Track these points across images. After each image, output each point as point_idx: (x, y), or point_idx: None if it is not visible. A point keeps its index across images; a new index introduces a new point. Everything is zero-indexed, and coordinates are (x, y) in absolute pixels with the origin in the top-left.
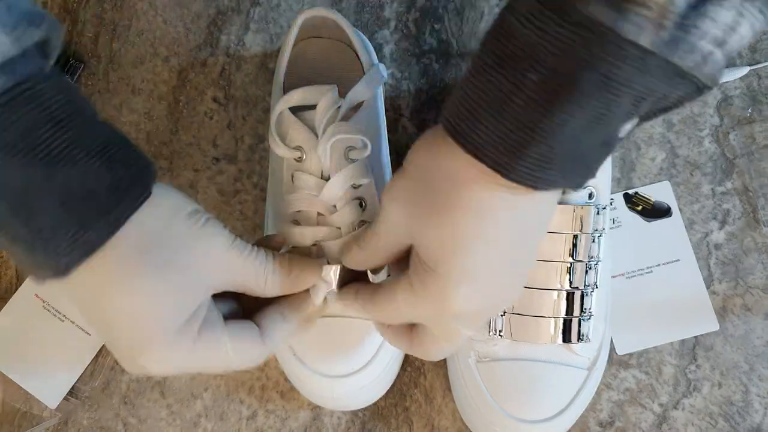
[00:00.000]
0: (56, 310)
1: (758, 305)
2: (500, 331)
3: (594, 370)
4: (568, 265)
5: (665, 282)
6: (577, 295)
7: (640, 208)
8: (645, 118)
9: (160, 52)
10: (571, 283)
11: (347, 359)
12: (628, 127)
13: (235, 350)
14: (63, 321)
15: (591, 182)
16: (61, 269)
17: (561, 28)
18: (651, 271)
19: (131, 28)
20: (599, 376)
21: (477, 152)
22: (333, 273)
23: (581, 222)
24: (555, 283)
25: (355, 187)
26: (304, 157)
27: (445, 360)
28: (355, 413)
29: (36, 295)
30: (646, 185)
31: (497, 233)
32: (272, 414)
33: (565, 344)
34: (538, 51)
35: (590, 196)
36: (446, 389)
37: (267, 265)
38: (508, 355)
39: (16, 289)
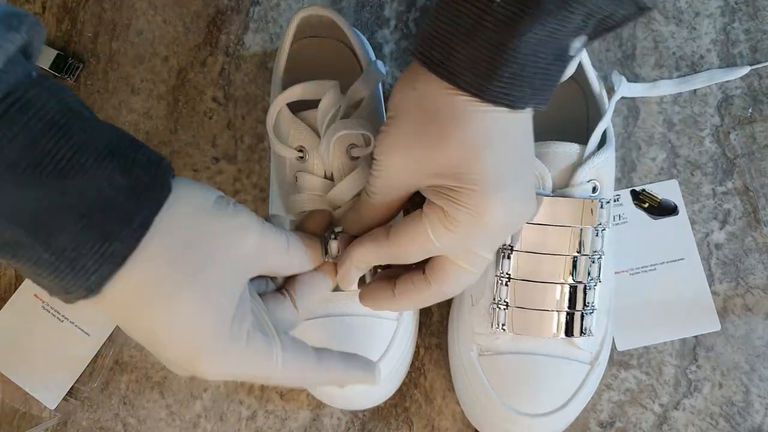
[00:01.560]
0: (56, 310)
1: (759, 305)
2: (503, 325)
3: (596, 364)
4: (573, 258)
5: (669, 280)
6: (580, 288)
7: (646, 205)
8: (591, 36)
9: (160, 52)
10: (574, 276)
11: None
12: (577, 45)
13: (285, 359)
14: (63, 321)
15: (594, 176)
16: (92, 287)
17: None
18: (655, 269)
19: (130, 27)
20: (602, 371)
21: (453, 77)
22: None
23: (587, 216)
24: (559, 277)
25: None
26: (307, 157)
27: (446, 357)
28: (355, 414)
29: (36, 295)
30: (646, 185)
31: (503, 144)
32: (272, 414)
33: (568, 338)
34: None
35: (594, 189)
36: (446, 389)
37: (291, 245)
38: (511, 348)
39: (16, 289)
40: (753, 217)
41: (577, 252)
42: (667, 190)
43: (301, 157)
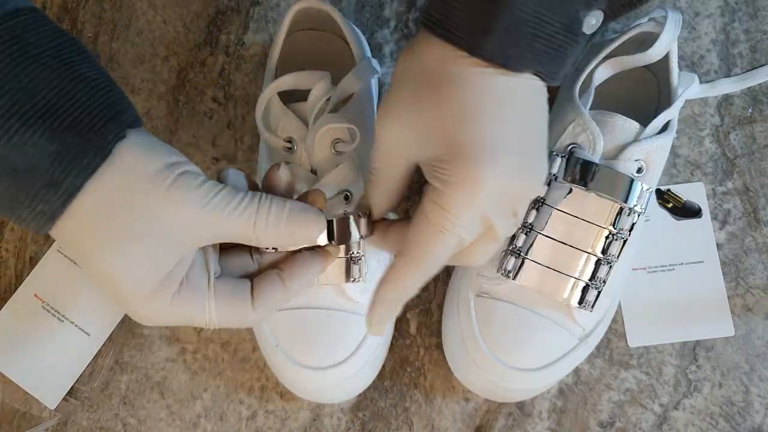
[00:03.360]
0: (56, 310)
1: (759, 305)
2: (509, 272)
3: (585, 343)
4: (608, 232)
5: (685, 281)
6: (603, 262)
7: (670, 205)
8: (609, 14)
9: (160, 52)
10: (601, 249)
11: (332, 350)
12: (592, 21)
13: (220, 312)
14: (63, 321)
15: (643, 156)
16: (37, 229)
17: None
18: (673, 269)
19: (130, 27)
20: (587, 351)
21: (448, 35)
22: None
23: (626, 193)
24: (588, 246)
25: None
26: (295, 148)
27: (446, 358)
28: (355, 414)
29: (36, 295)
30: (671, 185)
31: (501, 109)
32: (272, 414)
33: (569, 306)
34: None
35: (639, 170)
36: (446, 389)
37: (259, 219)
38: (510, 298)
39: (16, 289)
40: (753, 217)
41: (612, 226)
42: (692, 192)
43: (290, 148)
